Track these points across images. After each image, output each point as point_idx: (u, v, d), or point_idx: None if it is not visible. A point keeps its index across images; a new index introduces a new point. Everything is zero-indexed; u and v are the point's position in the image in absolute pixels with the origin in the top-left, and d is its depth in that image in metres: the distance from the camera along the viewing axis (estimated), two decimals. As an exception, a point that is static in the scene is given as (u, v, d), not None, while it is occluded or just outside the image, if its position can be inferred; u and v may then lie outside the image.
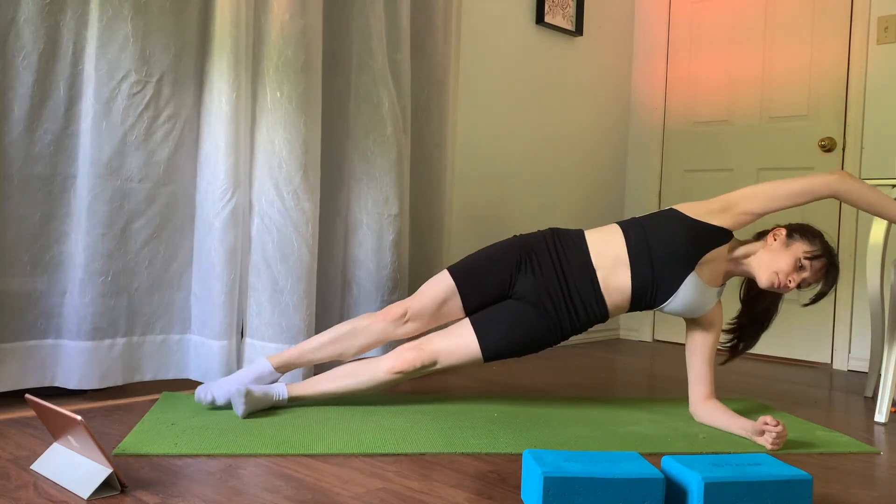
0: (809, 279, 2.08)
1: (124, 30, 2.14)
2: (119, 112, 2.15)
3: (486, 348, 2.12)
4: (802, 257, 2.06)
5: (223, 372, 2.30)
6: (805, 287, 2.10)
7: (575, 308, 2.14)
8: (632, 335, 4.20)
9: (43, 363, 2.14)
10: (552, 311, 2.13)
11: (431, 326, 2.24)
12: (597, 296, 2.13)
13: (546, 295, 2.13)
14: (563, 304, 2.13)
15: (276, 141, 2.40)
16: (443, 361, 2.14)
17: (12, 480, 1.50)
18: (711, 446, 1.97)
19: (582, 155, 3.94)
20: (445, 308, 2.20)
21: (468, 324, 2.15)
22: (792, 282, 2.07)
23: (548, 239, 2.20)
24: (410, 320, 2.20)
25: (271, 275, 2.40)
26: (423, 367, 2.13)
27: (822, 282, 2.10)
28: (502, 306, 2.17)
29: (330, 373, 2.20)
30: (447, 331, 2.18)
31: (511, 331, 2.13)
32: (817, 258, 2.06)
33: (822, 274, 2.09)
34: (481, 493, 1.55)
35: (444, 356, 2.14)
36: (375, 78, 2.64)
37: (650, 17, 4.17)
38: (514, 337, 2.13)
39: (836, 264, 2.10)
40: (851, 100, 3.46)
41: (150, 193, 2.21)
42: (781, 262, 2.07)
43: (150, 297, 2.24)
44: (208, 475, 1.59)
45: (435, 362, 2.14)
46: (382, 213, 2.65)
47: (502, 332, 2.13)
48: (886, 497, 1.66)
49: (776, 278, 2.07)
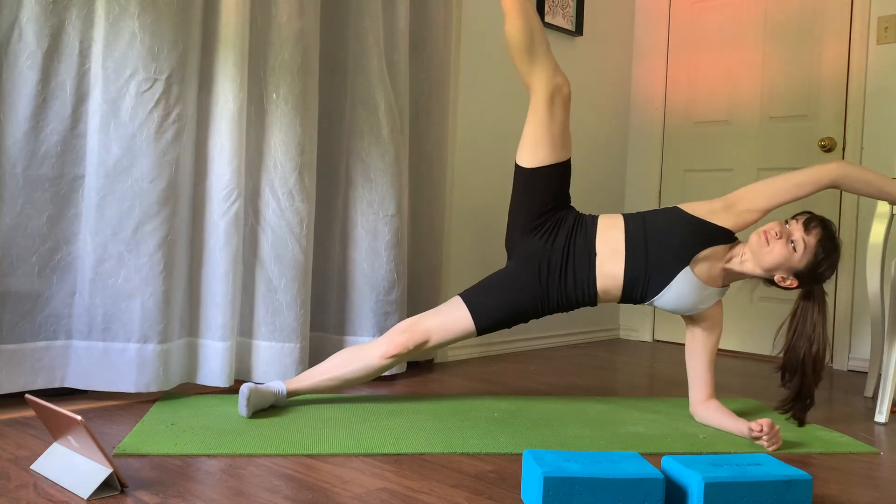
0: (799, 235, 2.01)
1: (131, 27, 2.12)
2: (128, 111, 2.13)
3: (479, 321, 2.14)
4: (790, 220, 2.06)
5: (226, 373, 2.30)
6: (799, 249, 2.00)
7: (566, 281, 2.14)
8: (632, 335, 4.20)
9: (53, 364, 2.14)
10: (545, 279, 2.14)
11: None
12: (590, 276, 2.14)
13: (546, 260, 2.14)
14: (557, 274, 2.14)
15: (272, 142, 2.40)
16: (435, 339, 2.15)
17: (12, 480, 1.50)
18: (711, 446, 1.97)
19: (582, 155, 3.94)
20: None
21: (458, 300, 2.17)
22: (777, 234, 2.01)
23: (575, 217, 2.20)
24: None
25: (265, 274, 2.40)
26: (417, 348, 2.14)
27: (820, 255, 2.01)
28: (491, 278, 2.20)
29: (324, 364, 2.21)
30: (437, 309, 2.21)
31: (501, 301, 2.14)
32: (807, 220, 2.02)
33: (815, 239, 2.00)
34: (481, 493, 1.55)
35: (437, 333, 2.15)
36: (372, 79, 2.64)
37: (650, 17, 4.17)
38: (504, 307, 2.14)
39: (832, 233, 2.02)
40: (851, 100, 3.46)
41: (162, 194, 2.17)
42: (767, 224, 2.06)
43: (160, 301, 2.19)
44: (208, 475, 1.59)
45: (427, 340, 2.15)
46: (378, 214, 2.65)
47: (492, 303, 2.14)
48: (886, 497, 1.66)
49: (762, 235, 2.04)
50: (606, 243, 2.14)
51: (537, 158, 2.16)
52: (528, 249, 2.17)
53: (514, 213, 2.22)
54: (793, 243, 2.02)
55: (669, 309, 2.16)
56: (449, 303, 2.20)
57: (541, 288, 2.15)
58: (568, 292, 2.16)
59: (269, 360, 2.41)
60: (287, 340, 2.40)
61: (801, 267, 2.02)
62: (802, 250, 2.01)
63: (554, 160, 2.16)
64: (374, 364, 2.16)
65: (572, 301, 2.17)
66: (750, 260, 2.08)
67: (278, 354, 2.41)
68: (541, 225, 2.17)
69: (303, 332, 2.44)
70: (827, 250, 2.02)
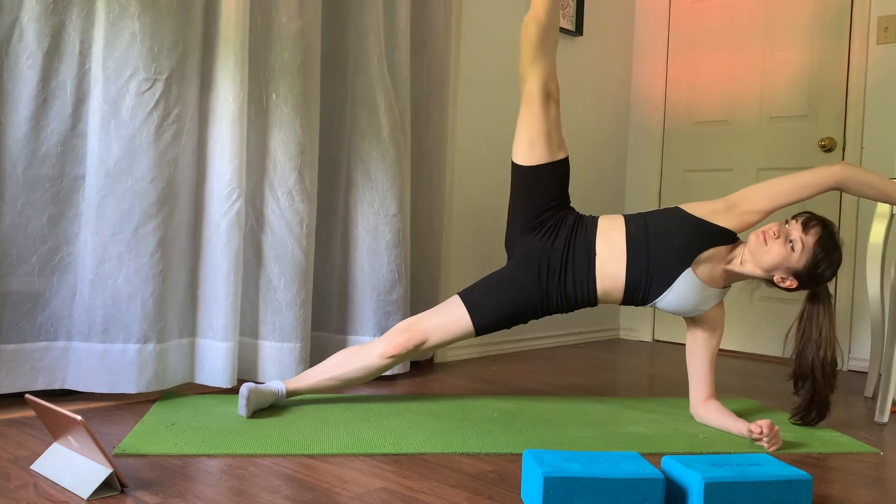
0: (797, 234, 2.00)
1: (131, 27, 2.12)
2: (128, 111, 2.13)
3: (478, 321, 2.14)
4: (790, 219, 2.05)
5: (228, 374, 2.30)
6: (797, 249, 1.99)
7: (566, 282, 2.14)
8: (632, 335, 4.20)
9: (53, 365, 2.14)
10: (544, 279, 2.14)
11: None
12: (590, 277, 2.13)
13: (546, 260, 2.14)
14: (556, 274, 2.14)
15: (272, 142, 2.40)
16: (434, 339, 2.15)
17: (12, 480, 1.50)
18: (711, 446, 1.97)
19: (582, 155, 3.94)
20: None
21: (457, 299, 2.17)
22: (776, 234, 2.00)
23: (576, 218, 2.20)
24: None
25: (265, 274, 2.40)
26: (416, 348, 2.14)
27: (819, 255, 2.00)
28: (490, 278, 2.20)
29: (323, 364, 2.21)
30: (436, 309, 2.20)
31: (500, 301, 2.14)
32: (801, 214, 2.02)
33: (813, 239, 1.99)
34: (481, 493, 1.55)
35: (436, 333, 2.15)
36: (372, 79, 2.64)
37: (650, 17, 4.17)
38: (504, 307, 2.14)
39: (831, 233, 2.01)
40: (851, 100, 3.46)
41: (162, 194, 2.17)
42: (766, 225, 2.06)
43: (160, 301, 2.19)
44: (208, 475, 1.59)
45: (425, 340, 2.14)
46: (379, 214, 2.65)
47: (492, 304, 2.14)
48: (886, 497, 1.66)
49: (760, 235, 2.03)
50: (607, 244, 2.14)
51: (534, 156, 2.16)
52: (527, 248, 2.17)
53: (514, 212, 2.21)
54: (791, 243, 2.01)
55: (671, 310, 2.16)
56: (448, 302, 2.20)
57: (540, 288, 2.15)
58: (567, 293, 2.15)
59: (269, 359, 2.42)
60: (287, 340, 2.41)
61: (799, 267, 2.02)
62: (801, 250, 2.00)
63: (551, 158, 2.16)
64: (373, 364, 2.16)
65: (572, 302, 2.17)
66: (749, 261, 2.07)
67: (279, 354, 2.41)
68: (542, 224, 2.17)
69: (303, 331, 2.44)
70: (826, 250, 2.01)
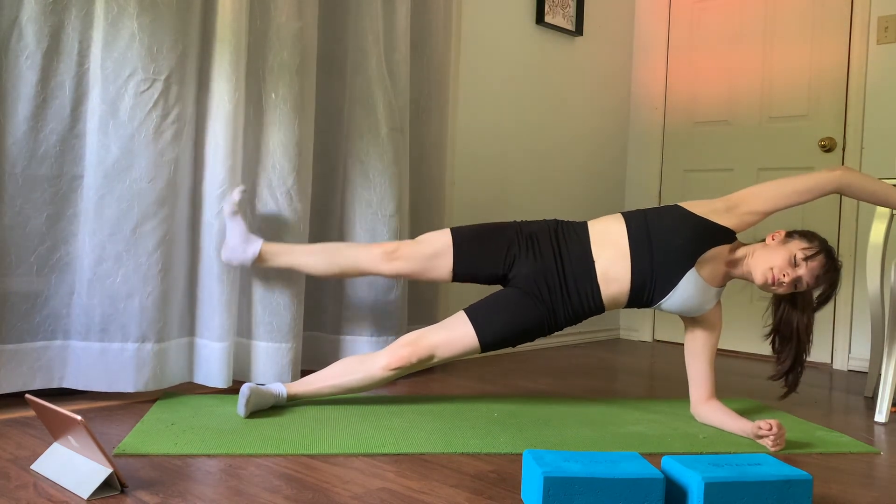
0: (806, 278, 2.04)
1: (130, 27, 2.12)
2: (126, 111, 2.13)
3: (484, 337, 2.13)
4: (798, 254, 2.05)
5: (223, 374, 2.29)
6: (802, 288, 2.07)
7: (570, 297, 2.14)
8: (632, 335, 4.19)
9: (51, 364, 2.14)
10: (547, 298, 2.13)
11: (416, 273, 2.22)
12: (593, 286, 2.13)
13: (543, 281, 2.13)
14: (558, 291, 2.13)
15: (271, 142, 2.40)
16: (440, 354, 2.14)
17: (12, 480, 1.50)
18: (711, 446, 1.97)
19: (582, 155, 3.94)
20: (436, 261, 2.19)
21: (463, 315, 2.16)
22: (786, 276, 2.03)
23: (550, 227, 2.21)
24: (400, 259, 2.19)
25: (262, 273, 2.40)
26: (420, 362, 2.13)
27: (822, 285, 2.07)
28: (497, 295, 2.18)
29: (325, 371, 2.20)
30: (442, 324, 2.19)
31: (506, 318, 2.13)
32: (813, 257, 2.04)
33: (820, 275, 2.05)
34: (481, 493, 1.55)
35: (441, 349, 2.14)
36: (371, 79, 2.64)
37: (650, 17, 4.17)
38: (510, 324, 2.13)
39: (836, 266, 2.07)
40: (851, 100, 3.46)
41: (161, 194, 2.17)
42: (776, 258, 2.05)
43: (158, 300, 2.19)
44: (208, 475, 1.59)
45: (431, 356, 2.14)
46: (377, 214, 2.65)
47: (498, 320, 2.13)
48: (886, 497, 1.66)
49: (770, 274, 2.04)
50: (608, 247, 2.13)
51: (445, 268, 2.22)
52: (519, 274, 2.16)
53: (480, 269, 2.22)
54: (796, 285, 2.06)
55: (675, 311, 2.16)
56: (453, 318, 2.18)
57: (546, 306, 2.14)
58: (574, 306, 2.14)
59: (265, 360, 2.41)
60: (284, 341, 2.40)
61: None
62: (806, 288, 2.08)
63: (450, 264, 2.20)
64: (376, 375, 2.15)
65: (579, 313, 2.16)
66: (750, 275, 2.11)
67: (275, 354, 2.40)
68: (514, 258, 2.17)
69: (297, 332, 2.44)
70: (821, 301, 2.11)
